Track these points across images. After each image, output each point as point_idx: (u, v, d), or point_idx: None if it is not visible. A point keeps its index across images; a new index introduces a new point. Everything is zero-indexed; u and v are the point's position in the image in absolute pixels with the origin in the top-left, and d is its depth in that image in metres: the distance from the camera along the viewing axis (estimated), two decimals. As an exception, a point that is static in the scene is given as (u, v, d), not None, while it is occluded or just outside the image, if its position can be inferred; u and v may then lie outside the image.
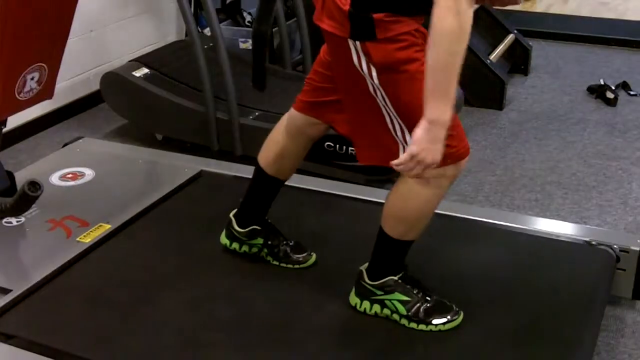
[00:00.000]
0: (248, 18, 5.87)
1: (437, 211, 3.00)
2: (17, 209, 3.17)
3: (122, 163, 3.88)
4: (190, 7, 4.61)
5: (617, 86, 5.54)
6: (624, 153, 4.60)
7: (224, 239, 3.03)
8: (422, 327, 2.64)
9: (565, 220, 3.69)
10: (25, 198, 3.05)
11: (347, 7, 2.27)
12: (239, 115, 4.30)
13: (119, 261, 3.06)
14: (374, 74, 2.33)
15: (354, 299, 2.72)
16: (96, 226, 3.23)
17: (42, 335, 2.63)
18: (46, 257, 3.03)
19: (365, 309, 2.70)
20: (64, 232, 3.21)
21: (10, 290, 2.83)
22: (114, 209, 3.36)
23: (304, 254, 3.00)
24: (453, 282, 2.88)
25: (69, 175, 3.69)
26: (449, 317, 2.65)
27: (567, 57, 6.38)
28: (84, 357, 2.53)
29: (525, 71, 6.00)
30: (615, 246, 3.06)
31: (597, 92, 5.48)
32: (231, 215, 2.99)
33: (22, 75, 3.15)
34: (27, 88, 3.22)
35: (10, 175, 3.43)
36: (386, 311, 2.68)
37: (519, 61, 5.99)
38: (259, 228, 2.96)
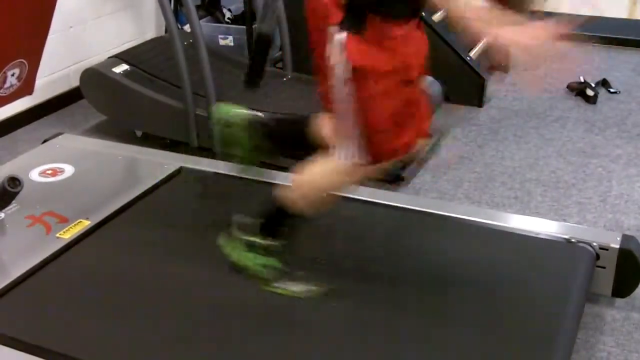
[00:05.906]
0: (228, 15, 5.87)
1: (415, 207, 3.01)
2: (-3, 205, 3.16)
3: (102, 159, 3.86)
4: (170, 3, 4.60)
5: (597, 84, 5.56)
6: (604, 151, 4.62)
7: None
8: (280, 291, 2.77)
9: (544, 218, 3.71)
10: (4, 194, 3.03)
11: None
12: (219, 112, 4.29)
13: (98, 257, 3.05)
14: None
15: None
16: (76, 222, 3.21)
17: (21, 332, 2.62)
18: (25, 253, 3.01)
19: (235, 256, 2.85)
20: (44, 228, 3.20)
21: (-11, 287, 2.83)
22: (93, 205, 3.35)
23: None
24: (431, 279, 2.89)
25: (49, 172, 3.67)
26: (307, 287, 2.77)
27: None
28: (64, 354, 2.51)
29: (505, 68, 6.00)
30: (594, 244, 3.07)
31: (577, 89, 5.50)
32: None
33: (3, 71, 3.14)
34: (7, 84, 3.21)
35: (-10, 172, 3.42)
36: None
37: (499, 58, 6.00)
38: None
